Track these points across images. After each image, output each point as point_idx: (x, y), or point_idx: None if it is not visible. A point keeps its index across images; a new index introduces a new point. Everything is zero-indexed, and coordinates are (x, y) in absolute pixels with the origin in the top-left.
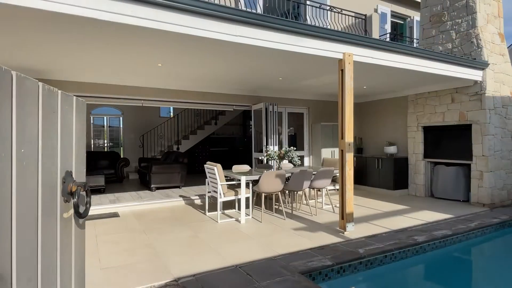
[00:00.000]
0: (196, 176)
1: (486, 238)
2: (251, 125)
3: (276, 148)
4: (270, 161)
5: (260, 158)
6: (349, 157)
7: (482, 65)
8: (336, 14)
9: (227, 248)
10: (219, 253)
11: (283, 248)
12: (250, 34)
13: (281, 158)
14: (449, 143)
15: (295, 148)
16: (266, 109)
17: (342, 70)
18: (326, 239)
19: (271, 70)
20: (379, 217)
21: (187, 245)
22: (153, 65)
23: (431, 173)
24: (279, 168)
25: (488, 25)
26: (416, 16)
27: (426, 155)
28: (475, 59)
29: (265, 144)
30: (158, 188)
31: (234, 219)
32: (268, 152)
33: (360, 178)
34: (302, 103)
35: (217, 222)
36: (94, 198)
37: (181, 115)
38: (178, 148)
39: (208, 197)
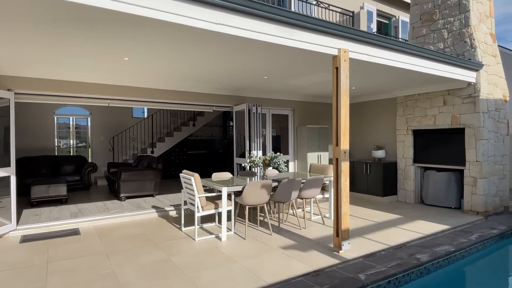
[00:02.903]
0: (172, 182)
1: (488, 252)
2: (231, 126)
3: (260, 153)
4: (254, 168)
5: (243, 165)
6: (345, 167)
7: (476, 66)
8: (323, 9)
9: (205, 276)
10: (196, 284)
11: (271, 275)
12: (234, 22)
13: (266, 165)
14: (441, 147)
15: (281, 154)
16: (249, 110)
17: (337, 68)
18: (320, 260)
19: (256, 67)
20: (372, 229)
21: (158, 273)
22: (119, 59)
23: (421, 178)
24: (264, 176)
25: (481, 24)
26: (401, 16)
27: (416, 160)
28: (470, 59)
29: (248, 149)
30: (128, 198)
31: (214, 235)
32: (252, 159)
33: None
34: (286, 104)
35: (194, 240)
36: (53, 210)
37: (156, 116)
38: (152, 151)
39: (185, 209)
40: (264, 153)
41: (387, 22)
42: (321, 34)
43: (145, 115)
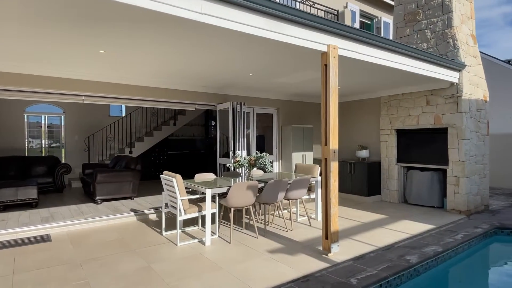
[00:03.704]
0: (152, 183)
1: (474, 250)
2: (213, 125)
3: (245, 153)
4: (238, 169)
5: (227, 165)
6: (334, 167)
7: (459, 66)
8: (309, 7)
9: (189, 285)
10: None
11: (260, 282)
12: (220, 13)
13: (252, 165)
14: (424, 147)
15: (267, 154)
16: (233, 109)
17: (326, 65)
18: (309, 264)
19: (243, 63)
20: (359, 230)
21: (138, 282)
22: (94, 52)
23: (404, 178)
24: (249, 176)
25: (463, 25)
26: (383, 17)
27: (399, 160)
28: (453, 59)
29: (232, 149)
30: (104, 200)
31: (197, 240)
32: (237, 159)
33: None
34: (271, 103)
35: (176, 245)
36: (22, 215)
37: (135, 114)
38: (131, 152)
39: (166, 212)
40: (248, 153)
41: (370, 22)
42: (311, 29)
43: (123, 114)
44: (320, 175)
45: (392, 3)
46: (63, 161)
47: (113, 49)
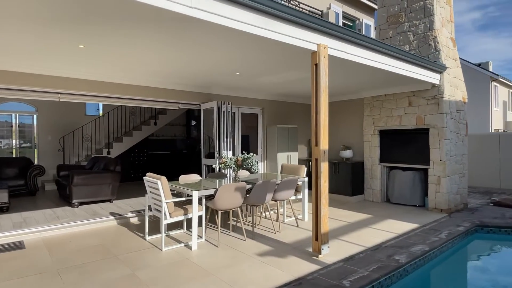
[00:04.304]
0: (132, 185)
1: (457, 248)
2: (194, 125)
3: (230, 153)
4: (224, 169)
5: (213, 166)
6: (325, 167)
7: (441, 68)
8: (294, 7)
9: None
10: None
11: (251, 287)
12: (211, 7)
13: (239, 166)
14: (406, 147)
15: (254, 154)
16: (218, 108)
17: (316, 64)
18: (300, 267)
19: (230, 61)
20: (346, 230)
21: None
22: (72, 46)
23: (387, 178)
24: (236, 177)
25: (443, 28)
26: (365, 19)
27: (382, 160)
28: (435, 61)
29: (217, 149)
30: (82, 204)
31: (183, 244)
32: (224, 160)
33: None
34: (256, 103)
35: (161, 250)
36: None
37: (113, 114)
38: (108, 152)
39: (149, 215)
40: (234, 154)
41: (351, 24)
42: (303, 27)
43: (100, 113)
44: (307, 175)
45: (374, 6)
46: (35, 163)
47: (93, 44)
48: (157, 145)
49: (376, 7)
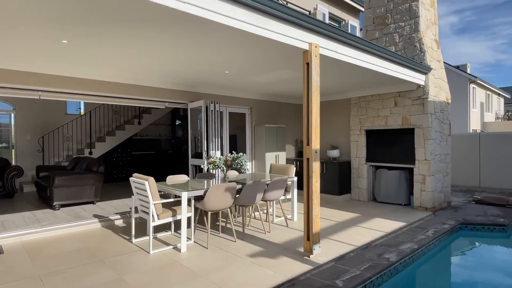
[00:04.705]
0: (116, 186)
1: (444, 245)
2: (178, 124)
3: (218, 153)
4: (213, 170)
5: (202, 166)
6: (316, 167)
7: (426, 69)
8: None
9: None
10: None
11: None
12: (204, 3)
13: (228, 166)
14: (392, 147)
15: (244, 154)
16: (206, 107)
17: (308, 63)
18: (292, 267)
19: (219, 59)
20: (336, 229)
21: None
22: (55, 42)
23: (373, 177)
24: (225, 177)
25: (428, 30)
26: (350, 20)
27: (368, 159)
28: (421, 62)
29: (205, 149)
30: (63, 206)
31: (172, 246)
32: (213, 159)
33: (303, 183)
34: (244, 103)
35: (148, 253)
36: None
37: (95, 113)
38: (90, 153)
39: (135, 217)
40: (222, 153)
41: (337, 25)
42: (295, 26)
43: (82, 111)
44: (296, 175)
45: (359, 7)
46: (13, 163)
47: (77, 39)
48: (142, 145)
49: (361, 8)
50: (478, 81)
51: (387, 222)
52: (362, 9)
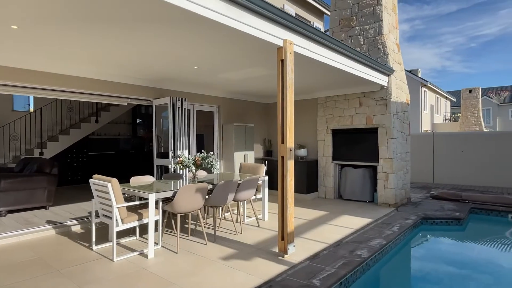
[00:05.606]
0: (70, 189)
1: (408, 239)
2: (140, 123)
3: (186, 152)
4: (181, 170)
5: (169, 166)
6: (291, 165)
7: (389, 71)
8: None
9: None
10: None
11: None
12: None
13: (198, 166)
14: (357, 145)
15: (214, 153)
16: (173, 104)
17: (282, 60)
18: (267, 269)
19: (189, 53)
20: (306, 228)
21: None
22: (4, 27)
23: (339, 175)
24: (194, 178)
25: (390, 34)
26: (315, 22)
27: (335, 158)
28: (385, 64)
29: (172, 149)
30: (11, 212)
31: (137, 252)
32: (181, 159)
33: (271, 183)
34: (212, 101)
35: (112, 260)
36: None
37: (47, 110)
38: (41, 153)
39: (95, 222)
40: (189, 153)
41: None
42: (270, 21)
43: (31, 108)
44: (266, 174)
45: (324, 10)
46: None
47: (29, 25)
48: (99, 145)
49: (326, 11)
50: (429, 85)
51: (355, 219)
52: (327, 11)
